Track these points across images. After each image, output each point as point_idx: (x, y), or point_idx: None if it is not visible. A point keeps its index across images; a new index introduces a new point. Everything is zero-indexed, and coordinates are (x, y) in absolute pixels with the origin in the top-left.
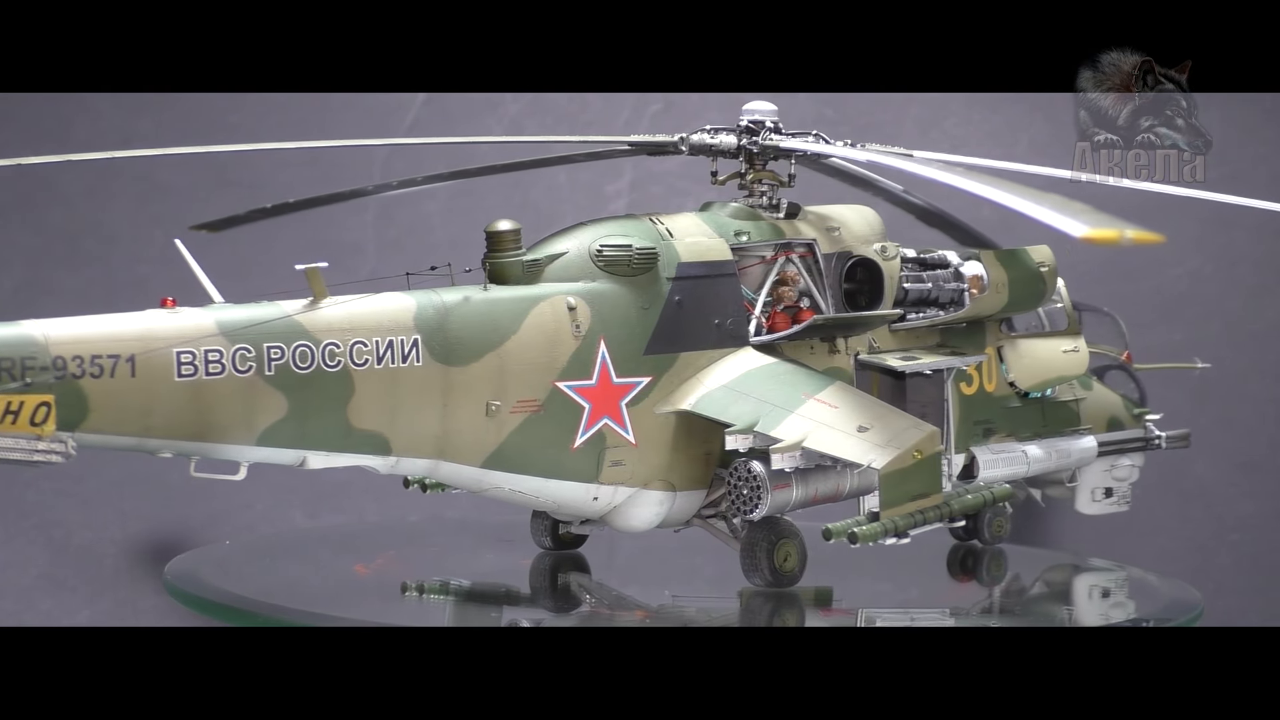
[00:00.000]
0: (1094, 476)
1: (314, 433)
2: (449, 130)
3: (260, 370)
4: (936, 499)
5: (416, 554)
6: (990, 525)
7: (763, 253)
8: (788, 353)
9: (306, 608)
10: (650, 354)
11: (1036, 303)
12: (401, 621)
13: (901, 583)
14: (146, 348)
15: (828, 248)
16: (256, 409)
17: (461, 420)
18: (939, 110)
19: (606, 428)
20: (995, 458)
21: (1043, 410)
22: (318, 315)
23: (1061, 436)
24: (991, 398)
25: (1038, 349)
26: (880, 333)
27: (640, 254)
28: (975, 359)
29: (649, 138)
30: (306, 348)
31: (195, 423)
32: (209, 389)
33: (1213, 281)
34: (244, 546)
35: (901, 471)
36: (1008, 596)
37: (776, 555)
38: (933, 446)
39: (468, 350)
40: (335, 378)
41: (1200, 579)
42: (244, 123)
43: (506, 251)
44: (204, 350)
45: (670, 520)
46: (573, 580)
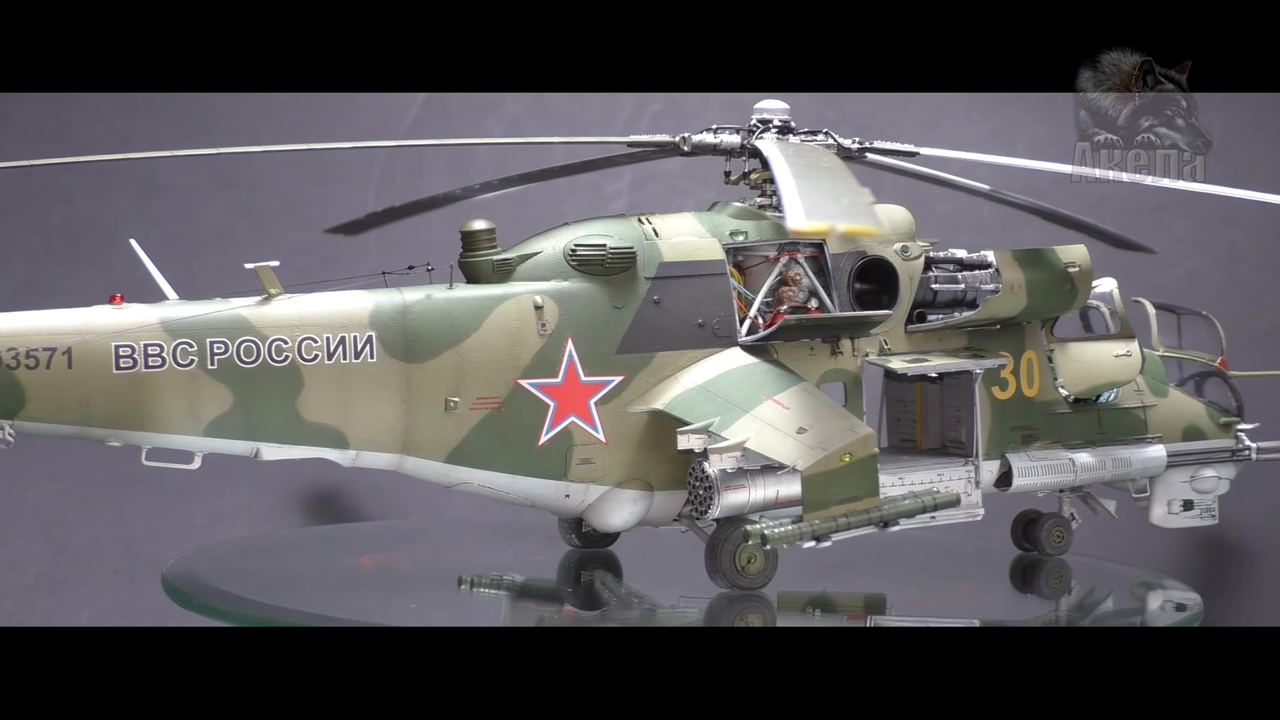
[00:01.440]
0: (1172, 488)
1: (263, 425)
2: (449, 130)
3: (203, 364)
4: (870, 503)
5: (427, 551)
6: (1050, 536)
7: (766, 252)
8: (783, 354)
9: (306, 608)
10: (623, 353)
11: (1067, 305)
12: (402, 622)
13: (954, 591)
14: (83, 341)
15: (838, 248)
16: (200, 401)
17: (422, 416)
18: (939, 110)
19: (574, 425)
20: (1034, 465)
21: (1099, 416)
22: (265, 312)
23: (1121, 445)
24: (1032, 403)
25: (1087, 353)
26: (895, 334)
27: (614, 253)
28: (992, 362)
29: (651, 137)
30: (252, 343)
31: (137, 413)
32: (149, 381)
33: (1213, 281)
34: (243, 546)
35: (827, 474)
36: (1076, 611)
37: (739, 557)
38: (865, 450)
39: (426, 347)
40: (283, 372)
41: (1200, 579)
42: (244, 123)
43: (479, 251)
44: (143, 344)
45: (652, 520)
46: (597, 579)
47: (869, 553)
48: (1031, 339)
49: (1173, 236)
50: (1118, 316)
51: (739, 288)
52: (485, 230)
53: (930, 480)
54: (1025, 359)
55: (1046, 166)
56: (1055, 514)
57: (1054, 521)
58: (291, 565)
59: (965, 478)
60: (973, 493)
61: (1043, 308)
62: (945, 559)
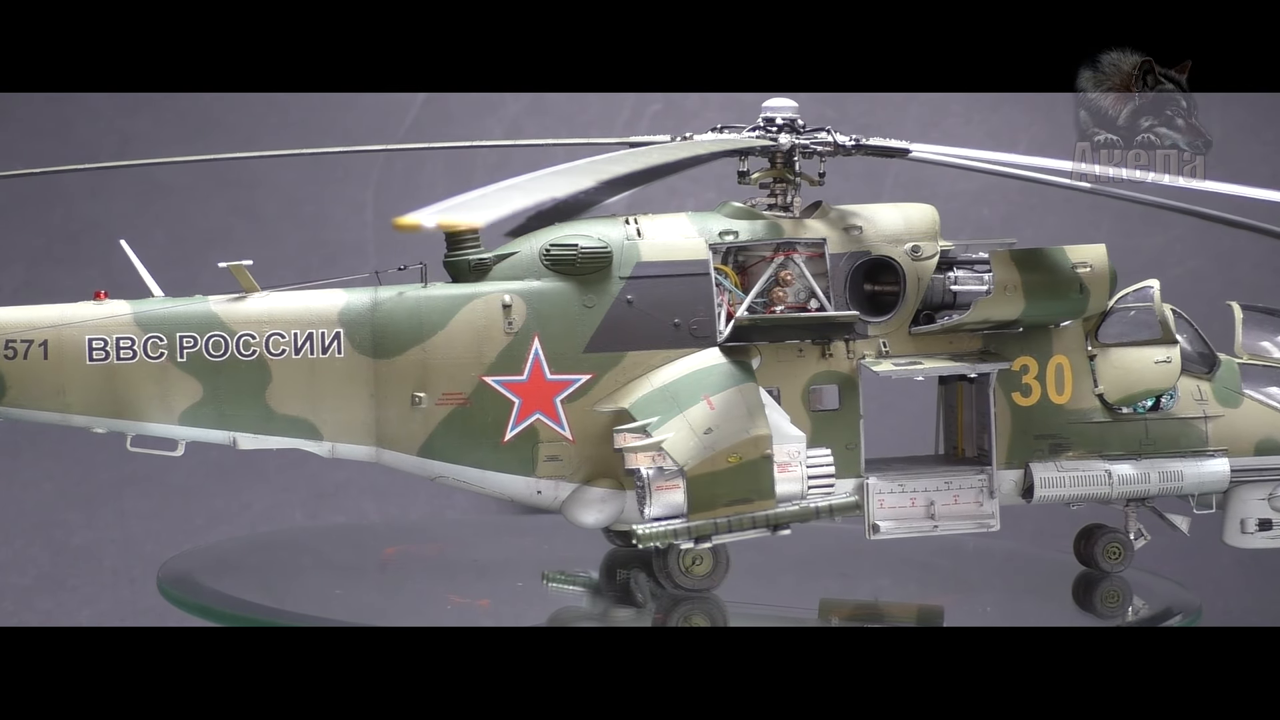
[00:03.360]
0: (1247, 505)
1: (234, 415)
2: (449, 130)
3: (172, 357)
4: (761, 506)
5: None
6: (1104, 552)
7: (764, 252)
8: (770, 356)
9: (307, 608)
10: (592, 352)
11: (1078, 308)
12: (402, 622)
13: (1008, 604)
14: (59, 334)
15: (840, 247)
16: (171, 392)
17: (390, 410)
18: (939, 110)
19: (539, 423)
20: (1061, 475)
21: (1146, 426)
22: (236, 308)
23: (1173, 457)
24: (1062, 410)
25: (1129, 358)
26: (899, 336)
27: (586, 253)
28: (988, 367)
29: (652, 137)
30: (220, 337)
31: (112, 402)
32: (121, 372)
33: (1213, 281)
34: (243, 546)
35: (713, 475)
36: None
37: (683, 559)
38: (755, 452)
39: (393, 343)
40: (250, 365)
41: (1199, 579)
42: (244, 123)
43: (459, 251)
44: (115, 338)
45: (629, 520)
46: (632, 578)
47: (943, 563)
48: (1063, 342)
49: (1173, 236)
50: (1159, 320)
51: (731, 288)
52: (466, 230)
53: (936, 489)
54: (1053, 364)
55: (1045, 163)
56: (1115, 529)
57: (1110, 537)
58: (291, 565)
59: (977, 487)
60: (985, 503)
61: (1047, 310)
62: (1007, 571)
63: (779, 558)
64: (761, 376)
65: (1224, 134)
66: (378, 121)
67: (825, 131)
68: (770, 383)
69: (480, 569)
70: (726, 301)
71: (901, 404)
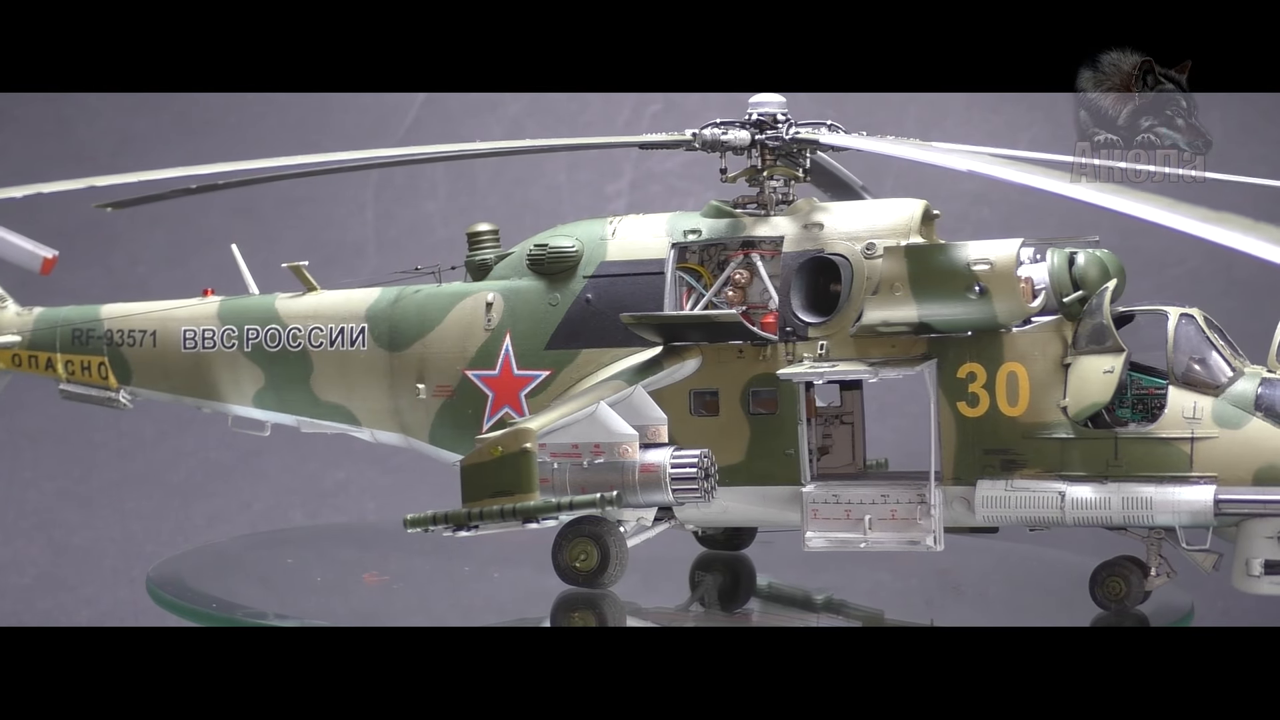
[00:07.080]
0: (1254, 544)
1: (289, 401)
2: (449, 130)
3: (241, 347)
4: (523, 499)
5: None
6: (1103, 586)
7: (730, 251)
8: (711, 357)
9: (306, 607)
10: (552, 349)
11: (985, 313)
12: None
13: (1004, 604)
14: (164, 326)
15: (795, 245)
16: (242, 378)
17: (403, 400)
18: (939, 110)
19: (508, 417)
20: (1007, 495)
21: (1116, 445)
22: (290, 304)
23: (1144, 482)
24: (1015, 423)
25: (1086, 368)
26: (840, 338)
27: (554, 253)
28: (893, 373)
29: (659, 136)
30: (275, 330)
31: (203, 384)
32: (206, 359)
33: (1213, 281)
34: (243, 545)
35: (480, 466)
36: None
37: (570, 552)
38: (516, 444)
39: (404, 338)
40: (297, 356)
41: (1195, 579)
42: (244, 123)
43: (475, 251)
44: (202, 329)
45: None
46: (704, 581)
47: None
48: (1018, 349)
49: (1173, 236)
50: (1104, 326)
51: (697, 286)
52: (485, 231)
53: (872, 501)
54: (1004, 371)
55: (1044, 158)
56: (1128, 566)
57: (1108, 571)
58: (291, 564)
59: (915, 503)
60: (923, 520)
61: (947, 315)
62: (1030, 577)
63: (778, 558)
64: (701, 378)
65: (1224, 134)
66: (378, 121)
67: (828, 126)
68: (709, 384)
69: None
70: (691, 301)
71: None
